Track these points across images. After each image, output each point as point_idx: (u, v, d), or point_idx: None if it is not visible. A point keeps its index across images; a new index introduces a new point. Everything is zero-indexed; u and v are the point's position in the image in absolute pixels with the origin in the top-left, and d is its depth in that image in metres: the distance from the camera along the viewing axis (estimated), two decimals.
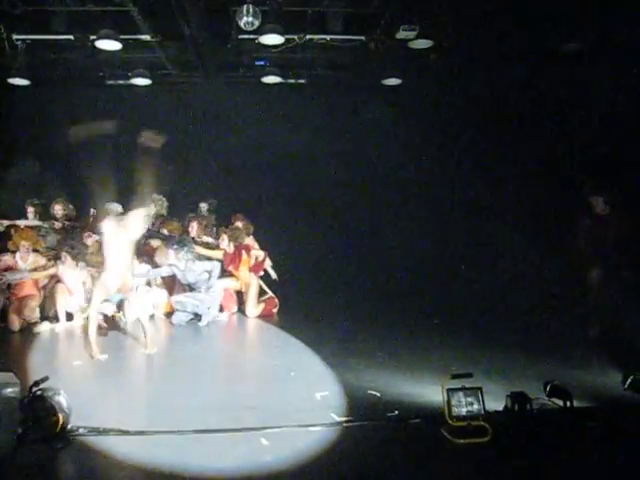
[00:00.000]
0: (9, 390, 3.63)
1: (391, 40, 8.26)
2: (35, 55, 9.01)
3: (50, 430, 3.75)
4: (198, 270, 7.20)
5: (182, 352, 6.28)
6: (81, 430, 3.88)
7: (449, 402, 3.84)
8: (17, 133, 9.57)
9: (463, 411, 3.84)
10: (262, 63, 9.46)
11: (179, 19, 8.10)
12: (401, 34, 7.96)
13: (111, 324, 7.06)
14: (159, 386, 5.04)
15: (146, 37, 8.83)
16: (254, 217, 8.33)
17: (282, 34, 8.01)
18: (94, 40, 8.56)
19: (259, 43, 8.36)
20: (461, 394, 3.87)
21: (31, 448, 3.63)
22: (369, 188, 10.22)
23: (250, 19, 7.60)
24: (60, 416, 3.80)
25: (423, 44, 8.23)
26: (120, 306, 7.41)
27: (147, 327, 5.89)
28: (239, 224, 7.91)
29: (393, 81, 9.71)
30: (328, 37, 8.47)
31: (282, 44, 8.36)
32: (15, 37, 8.76)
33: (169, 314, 7.48)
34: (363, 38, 8.50)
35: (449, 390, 3.86)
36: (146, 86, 9.68)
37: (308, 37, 8.49)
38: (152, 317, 7.48)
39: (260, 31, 7.84)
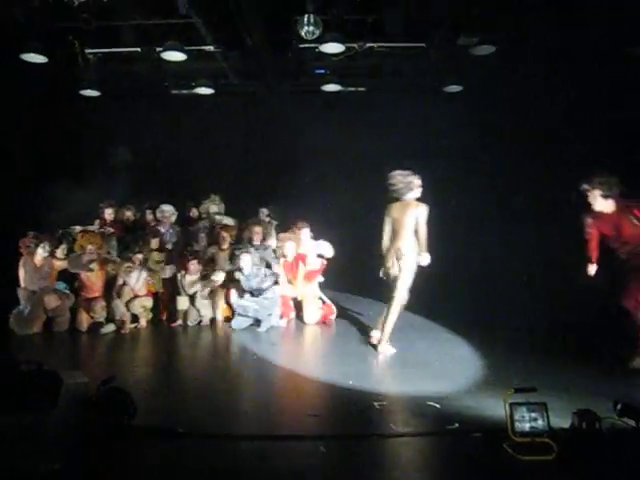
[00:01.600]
0: (78, 388, 3.77)
1: (452, 46, 8.17)
2: (105, 67, 9.42)
3: (115, 428, 3.86)
4: (261, 276, 7.29)
5: (242, 357, 6.36)
6: (144, 430, 3.96)
7: (512, 417, 3.72)
8: (87, 142, 9.99)
9: (526, 427, 3.71)
10: (322, 72, 9.54)
11: (241, 29, 8.28)
12: (462, 40, 7.87)
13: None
14: (219, 389, 5.09)
15: (209, 48, 9.07)
16: (318, 225, 8.34)
17: (342, 42, 8.06)
18: (160, 52, 8.86)
19: (319, 52, 8.44)
20: (525, 409, 3.74)
21: (97, 445, 3.74)
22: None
23: (311, 28, 7.68)
24: (125, 415, 3.91)
25: (485, 50, 8.09)
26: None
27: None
28: (299, 231, 7.94)
29: (454, 88, 9.59)
30: (388, 44, 8.45)
31: (342, 52, 8.41)
32: (88, 51, 9.19)
33: (228, 319, 7.59)
34: (424, 45, 8.44)
35: (512, 404, 3.74)
36: (209, 95, 9.94)
37: (368, 45, 8.50)
38: (213, 321, 7.63)
39: (320, 40, 7.90)
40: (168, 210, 8.34)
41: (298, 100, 9.86)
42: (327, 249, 7.85)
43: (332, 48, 8.19)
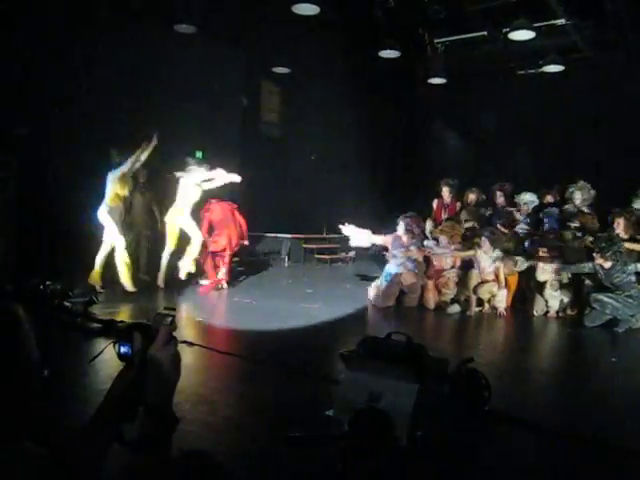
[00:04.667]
0: (441, 363, 3.94)
1: None
2: (452, 55, 9.68)
3: (475, 407, 3.92)
4: (627, 272, 6.51)
5: (593, 356, 5.86)
6: (496, 415, 3.93)
7: None
8: (432, 125, 10.46)
9: None
10: None
11: None
12: None
13: None
14: (568, 387, 4.77)
15: (560, 21, 8.52)
16: None
17: None
18: (507, 32, 8.67)
19: None
20: None
21: (455, 421, 3.85)
22: None
23: None
24: (482, 398, 3.94)
25: None
26: None
27: None
28: None
29: None
30: None
31: None
32: (436, 41, 9.57)
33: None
34: None
35: None
36: (557, 72, 9.35)
37: None
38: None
39: None
40: (528, 199, 8.05)
41: None
42: None
43: None
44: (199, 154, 10.19)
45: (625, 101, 8.66)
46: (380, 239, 7.84)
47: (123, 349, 1.38)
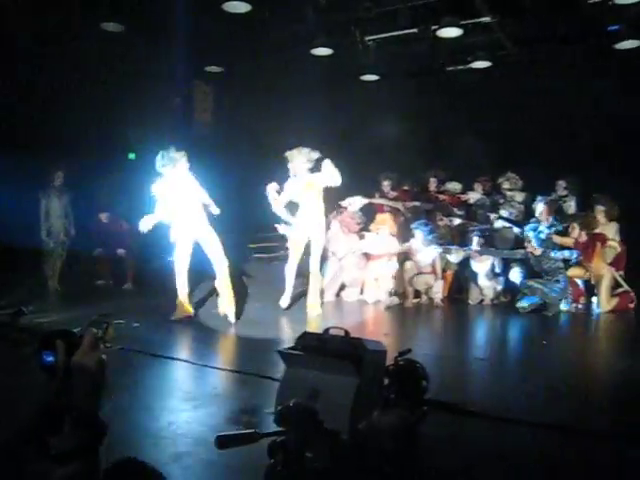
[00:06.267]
0: (379, 356, 4.02)
1: None
2: (383, 52, 9.82)
3: (412, 398, 4.01)
4: (556, 258, 6.84)
5: (527, 341, 6.11)
6: (434, 403, 4.04)
7: None
8: (365, 123, 10.60)
9: None
10: (616, 28, 8.44)
11: None
12: None
13: None
14: (502, 372, 4.97)
15: (486, 19, 8.77)
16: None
17: None
18: (435, 30, 8.86)
19: (613, 4, 7.51)
20: None
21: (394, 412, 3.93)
22: None
23: None
24: (422, 386, 4.04)
25: None
26: None
27: None
28: (601, 208, 7.21)
29: None
30: None
31: None
32: (367, 38, 9.67)
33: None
34: None
35: None
36: (486, 69, 9.66)
37: None
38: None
39: None
40: (450, 187, 8.33)
41: (585, 63, 8.89)
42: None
43: None
44: (132, 155, 9.96)
45: (547, 94, 9.08)
46: None
47: (47, 358, 1.35)
